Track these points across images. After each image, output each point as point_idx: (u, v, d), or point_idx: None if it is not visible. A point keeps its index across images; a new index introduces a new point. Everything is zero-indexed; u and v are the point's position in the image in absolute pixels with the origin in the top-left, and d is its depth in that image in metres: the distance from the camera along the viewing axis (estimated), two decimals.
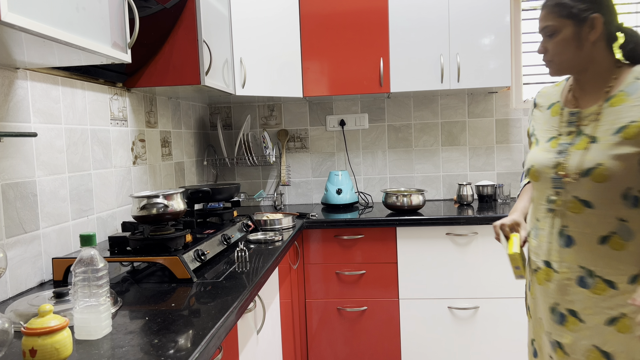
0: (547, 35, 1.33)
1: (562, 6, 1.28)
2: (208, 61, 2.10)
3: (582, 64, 1.32)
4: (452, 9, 2.68)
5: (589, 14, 1.26)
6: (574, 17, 1.27)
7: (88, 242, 1.09)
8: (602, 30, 1.28)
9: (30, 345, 0.91)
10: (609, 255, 1.26)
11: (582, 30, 1.28)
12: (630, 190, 1.23)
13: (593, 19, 1.26)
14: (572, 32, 1.28)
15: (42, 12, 1.06)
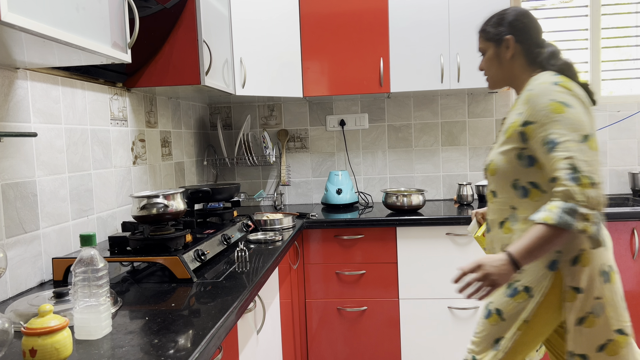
0: (481, 56, 1.59)
1: (485, 32, 1.56)
2: (208, 61, 2.10)
3: (507, 78, 1.55)
4: (452, 9, 2.68)
5: (503, 36, 1.50)
6: (493, 39, 1.53)
7: (88, 242, 1.09)
8: (517, 49, 1.50)
9: (30, 345, 0.91)
10: (502, 239, 1.49)
11: (500, 50, 1.52)
12: (518, 181, 1.44)
13: (507, 40, 1.50)
14: (494, 52, 1.54)
15: (42, 12, 1.06)
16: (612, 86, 3.05)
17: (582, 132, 1.28)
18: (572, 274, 1.36)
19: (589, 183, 1.23)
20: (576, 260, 1.36)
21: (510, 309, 1.42)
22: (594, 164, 1.25)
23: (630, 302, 2.45)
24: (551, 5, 3.03)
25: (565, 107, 1.31)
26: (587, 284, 1.36)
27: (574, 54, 3.05)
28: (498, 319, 1.45)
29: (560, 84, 1.35)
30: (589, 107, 1.37)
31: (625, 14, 3.00)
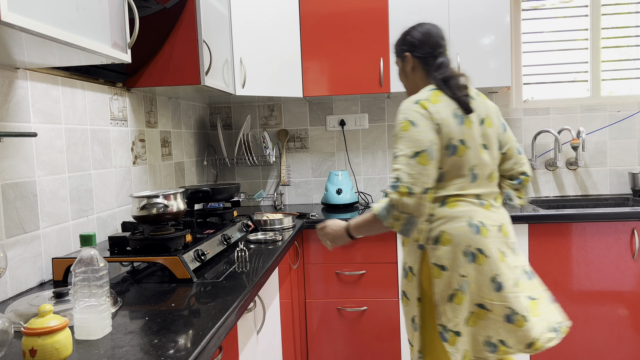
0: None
1: (394, 50, 1.79)
2: (208, 61, 2.10)
3: (414, 89, 1.76)
4: (452, 9, 2.68)
5: (403, 52, 1.74)
6: (398, 56, 1.77)
7: (88, 242, 1.09)
8: (416, 62, 1.72)
9: (30, 345, 0.91)
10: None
11: (404, 65, 1.76)
12: None
13: (405, 56, 1.74)
14: (401, 67, 1.78)
15: (42, 12, 1.06)
16: (612, 86, 3.05)
17: (415, 149, 1.51)
18: (434, 253, 1.57)
19: (406, 192, 1.49)
20: (437, 240, 1.57)
21: (408, 288, 1.65)
22: (417, 176, 1.49)
23: (630, 302, 2.46)
24: (551, 5, 3.03)
25: (411, 125, 1.54)
26: (451, 262, 1.54)
27: (574, 54, 3.05)
28: (406, 299, 1.68)
29: (420, 102, 1.57)
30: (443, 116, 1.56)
31: (625, 14, 3.00)
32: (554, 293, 2.47)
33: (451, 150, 1.56)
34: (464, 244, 1.54)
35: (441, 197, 1.59)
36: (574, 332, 2.49)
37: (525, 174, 1.81)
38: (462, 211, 1.57)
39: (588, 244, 2.45)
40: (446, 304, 1.54)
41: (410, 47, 1.72)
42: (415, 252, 1.62)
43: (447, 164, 1.57)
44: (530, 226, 2.46)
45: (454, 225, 1.56)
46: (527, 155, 3.07)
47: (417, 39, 1.70)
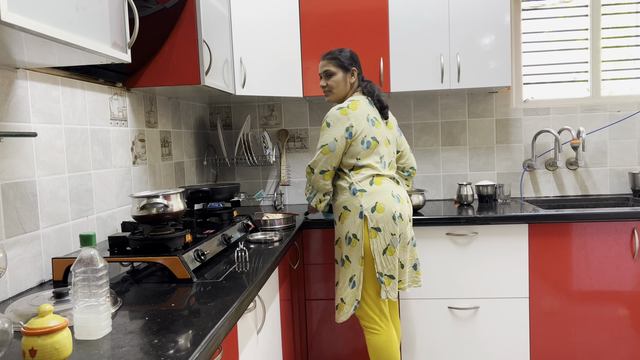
0: (327, 75, 2.23)
1: (337, 60, 2.21)
2: (208, 61, 2.10)
3: (344, 94, 2.25)
4: (452, 8, 2.68)
5: (351, 67, 2.21)
6: (343, 67, 2.21)
7: (88, 242, 1.09)
8: (355, 79, 2.23)
9: (30, 345, 0.91)
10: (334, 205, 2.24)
11: (347, 77, 2.22)
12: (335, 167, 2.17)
13: (353, 70, 2.22)
14: (342, 77, 2.22)
15: (42, 12, 1.06)
16: (612, 86, 3.05)
17: (322, 142, 2.12)
18: (373, 218, 2.07)
19: (309, 170, 2.17)
20: (374, 209, 2.07)
21: (352, 252, 2.10)
22: (317, 161, 2.13)
23: (631, 302, 2.46)
24: (551, 5, 3.03)
25: (327, 127, 2.12)
26: (384, 224, 2.06)
27: (574, 54, 3.05)
28: (348, 262, 2.12)
29: (342, 109, 2.11)
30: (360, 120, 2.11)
31: (625, 14, 3.00)
32: (554, 293, 2.48)
33: (366, 145, 2.11)
34: (392, 209, 2.08)
35: (368, 177, 2.12)
36: (574, 332, 2.49)
37: (413, 168, 2.40)
38: (386, 186, 2.12)
39: (588, 244, 2.45)
40: (382, 256, 2.07)
41: (357, 65, 2.23)
42: (356, 222, 2.09)
43: (363, 155, 2.12)
44: (530, 226, 2.46)
45: (384, 197, 2.09)
46: (527, 155, 3.07)
47: (356, 59, 2.24)
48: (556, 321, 2.49)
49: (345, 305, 2.12)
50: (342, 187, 2.16)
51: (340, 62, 2.19)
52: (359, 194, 2.10)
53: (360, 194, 2.10)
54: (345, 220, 2.12)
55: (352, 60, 2.22)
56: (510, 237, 2.47)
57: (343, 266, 2.14)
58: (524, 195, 3.08)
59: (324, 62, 2.22)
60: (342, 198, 2.15)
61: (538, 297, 2.48)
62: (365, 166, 2.12)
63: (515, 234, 2.47)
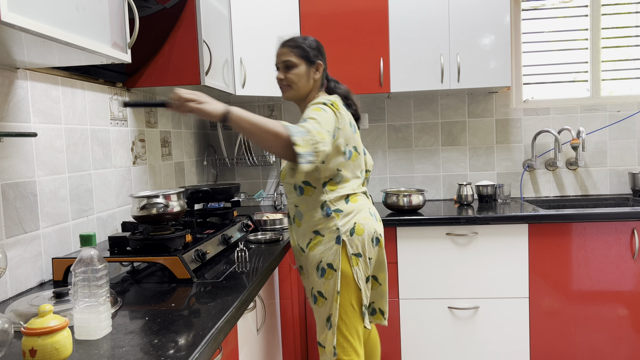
0: (286, 67, 1.81)
1: (301, 49, 1.80)
2: (208, 61, 2.10)
3: (306, 92, 1.84)
4: (452, 8, 2.68)
5: (316, 59, 1.82)
6: (307, 59, 1.80)
7: (88, 242, 1.09)
8: (321, 73, 1.84)
9: (30, 345, 0.91)
10: (297, 230, 1.84)
11: (310, 71, 1.81)
12: (296, 182, 1.79)
13: (318, 64, 1.83)
14: (305, 70, 1.81)
15: (42, 12, 1.06)
16: (612, 86, 3.05)
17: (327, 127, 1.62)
18: (353, 243, 1.75)
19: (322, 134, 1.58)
20: (352, 232, 1.75)
21: (326, 287, 1.75)
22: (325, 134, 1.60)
23: (631, 302, 2.45)
24: (551, 5, 3.03)
25: (323, 110, 1.66)
26: (363, 248, 1.76)
27: (574, 54, 3.05)
28: (322, 299, 1.77)
29: (327, 104, 1.70)
30: (344, 123, 1.74)
31: (625, 14, 3.00)
32: (554, 293, 2.48)
33: (347, 155, 1.77)
34: (372, 230, 1.79)
35: (344, 195, 1.78)
36: (574, 332, 2.49)
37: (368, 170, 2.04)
38: (363, 204, 1.82)
39: (588, 244, 2.45)
40: (365, 285, 1.78)
41: (323, 58, 1.86)
42: (332, 248, 1.75)
43: (344, 166, 1.77)
44: (530, 226, 2.46)
45: (361, 216, 1.79)
46: (527, 155, 3.07)
47: (322, 50, 1.87)
48: (556, 321, 2.49)
49: (326, 351, 1.78)
50: (312, 206, 1.78)
51: (303, 52, 1.80)
52: (334, 215, 1.75)
53: (336, 214, 1.75)
54: (316, 247, 1.76)
55: (319, 51, 1.84)
56: (510, 237, 2.47)
57: (316, 304, 1.80)
58: (524, 195, 3.08)
59: (284, 50, 1.82)
60: (311, 220, 1.78)
61: (538, 297, 2.48)
62: (343, 180, 1.78)
63: (515, 234, 2.47)
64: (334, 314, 1.74)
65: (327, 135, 1.60)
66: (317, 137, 1.54)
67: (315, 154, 1.54)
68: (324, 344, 1.78)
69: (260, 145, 1.55)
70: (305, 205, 1.79)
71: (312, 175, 1.75)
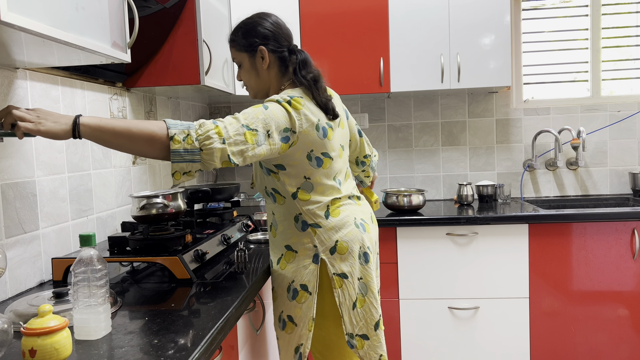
0: (238, 66, 1.60)
1: (236, 42, 1.55)
2: (208, 61, 2.10)
3: (266, 89, 1.58)
4: (452, 8, 2.68)
5: (256, 46, 1.52)
6: (247, 50, 1.53)
7: (88, 242, 1.09)
8: (272, 58, 1.53)
9: (29, 346, 0.91)
10: (272, 240, 1.63)
11: (256, 61, 1.54)
12: (266, 188, 1.57)
13: (260, 50, 1.52)
14: (250, 64, 1.55)
15: (41, 12, 1.06)
16: (612, 86, 3.05)
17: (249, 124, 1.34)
18: (334, 263, 1.50)
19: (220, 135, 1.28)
20: (334, 250, 1.50)
21: (297, 311, 1.52)
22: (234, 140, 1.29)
23: (631, 302, 2.45)
24: (551, 5, 3.03)
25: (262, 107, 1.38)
26: (350, 268, 1.51)
27: (574, 53, 3.04)
28: (292, 325, 1.54)
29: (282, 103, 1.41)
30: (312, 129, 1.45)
31: (625, 14, 3.00)
32: (554, 293, 2.47)
33: (317, 162, 1.50)
34: (358, 246, 1.53)
35: (322, 206, 1.52)
36: (574, 332, 2.49)
37: (366, 156, 1.85)
38: (346, 216, 1.54)
39: (588, 244, 2.45)
40: (350, 312, 1.51)
41: (263, 39, 1.52)
42: (308, 268, 1.50)
43: (312, 174, 1.50)
44: (530, 226, 2.46)
45: (345, 232, 1.52)
46: (527, 155, 3.06)
47: (270, 30, 1.52)
48: (556, 321, 2.49)
49: None
50: (287, 216, 1.55)
51: (239, 44, 1.55)
52: (310, 231, 1.51)
53: (313, 230, 1.51)
54: (288, 264, 1.54)
55: (258, 35, 1.52)
56: (510, 237, 2.47)
57: (284, 330, 1.56)
58: (524, 195, 3.08)
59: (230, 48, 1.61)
60: (285, 231, 1.55)
61: (538, 297, 2.48)
62: (316, 189, 1.51)
63: (515, 234, 2.47)
64: (305, 344, 1.52)
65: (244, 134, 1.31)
66: (210, 132, 1.26)
67: (206, 153, 1.25)
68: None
69: (135, 154, 1.27)
70: (280, 215, 1.57)
71: (275, 183, 1.53)
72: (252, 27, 1.53)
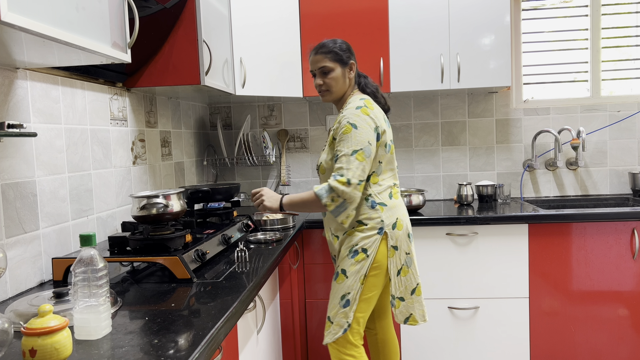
0: (323, 73, 1.93)
1: (334, 53, 1.91)
2: (208, 61, 2.10)
3: (342, 93, 1.96)
4: (452, 9, 2.68)
5: (349, 60, 1.93)
6: (341, 62, 1.92)
7: (88, 242, 1.09)
8: (355, 73, 1.97)
9: (30, 346, 0.91)
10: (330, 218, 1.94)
11: (345, 72, 1.93)
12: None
13: (352, 64, 1.95)
14: (341, 72, 1.93)
15: (42, 12, 1.06)
16: (612, 86, 3.05)
17: (355, 147, 1.77)
18: (393, 236, 1.87)
19: (345, 181, 1.74)
20: (394, 226, 1.87)
21: (352, 267, 1.85)
22: (354, 169, 1.76)
23: (631, 302, 2.45)
24: (551, 5, 3.03)
25: (354, 128, 1.78)
26: (401, 242, 1.88)
27: (574, 54, 3.05)
28: (343, 277, 1.86)
29: (362, 108, 1.82)
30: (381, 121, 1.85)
31: (625, 14, 3.00)
32: (554, 293, 2.48)
33: (387, 148, 1.88)
34: (408, 226, 1.93)
35: (387, 188, 1.90)
36: (574, 332, 2.49)
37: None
38: (401, 201, 1.96)
39: (588, 244, 2.45)
40: (395, 277, 1.88)
41: (354, 56, 1.97)
42: (372, 237, 1.85)
43: (384, 158, 1.88)
44: (530, 226, 2.46)
45: (401, 212, 1.92)
46: (527, 155, 3.07)
47: (351, 50, 1.97)
48: (556, 321, 2.49)
49: (333, 325, 1.87)
50: None
51: (337, 56, 1.92)
52: (379, 208, 1.86)
53: (381, 207, 1.86)
54: (355, 233, 1.87)
55: (349, 52, 1.96)
56: (510, 237, 2.47)
57: (336, 280, 1.89)
58: (524, 195, 3.08)
59: (318, 57, 1.93)
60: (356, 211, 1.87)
61: (538, 297, 2.48)
62: (383, 172, 1.89)
63: (515, 234, 2.47)
64: (352, 293, 1.84)
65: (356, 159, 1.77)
66: (339, 188, 1.75)
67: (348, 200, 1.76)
68: (333, 319, 1.87)
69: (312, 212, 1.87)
70: None
71: None
72: (348, 46, 1.96)
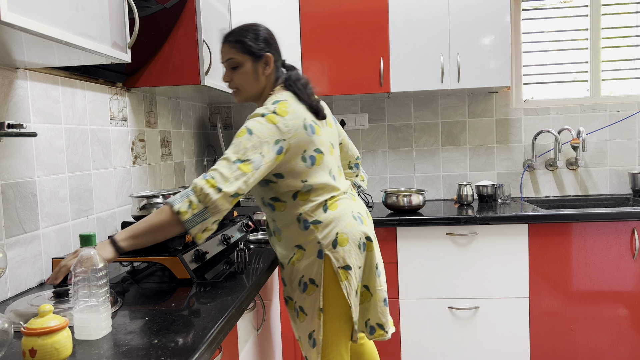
0: (231, 68, 1.61)
1: (242, 43, 1.57)
2: (208, 61, 2.10)
3: (257, 92, 1.65)
4: (452, 8, 2.68)
5: (263, 52, 1.59)
6: (252, 54, 1.58)
7: (88, 242, 1.09)
8: (272, 66, 1.62)
9: (30, 346, 0.91)
10: (278, 245, 1.69)
11: (258, 66, 1.60)
12: (264, 199, 1.64)
13: (267, 57, 1.60)
14: (252, 67, 1.60)
15: (42, 12, 1.06)
16: (612, 86, 3.05)
17: (241, 156, 1.41)
18: (337, 256, 1.58)
19: (214, 186, 1.35)
20: (335, 243, 1.58)
21: (307, 302, 1.62)
22: (233, 179, 1.38)
23: (631, 302, 2.45)
24: (551, 5, 3.03)
25: (248, 134, 1.44)
26: (352, 259, 1.59)
27: (574, 54, 3.05)
28: (303, 315, 1.65)
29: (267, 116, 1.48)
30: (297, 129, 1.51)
31: (625, 14, 3.00)
32: (554, 293, 2.48)
33: (311, 161, 1.57)
34: (357, 237, 1.61)
35: (321, 203, 1.60)
36: (574, 332, 2.49)
37: (358, 157, 2.01)
38: (344, 208, 1.62)
39: (588, 244, 2.45)
40: (353, 300, 1.61)
41: (268, 47, 1.61)
42: (314, 263, 1.59)
43: (308, 175, 1.57)
44: (530, 226, 2.46)
45: (344, 224, 1.60)
46: (527, 155, 3.07)
47: (275, 41, 1.65)
48: (556, 321, 2.49)
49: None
50: (288, 221, 1.62)
51: (246, 48, 1.58)
52: (312, 228, 1.59)
53: (314, 226, 1.59)
54: (299, 262, 1.62)
55: (265, 42, 1.61)
56: (510, 237, 2.47)
57: (298, 318, 1.68)
58: (524, 195, 3.08)
59: (225, 47, 1.61)
60: (290, 234, 1.63)
61: (538, 297, 2.48)
62: (313, 189, 1.59)
63: (515, 234, 2.47)
64: (317, 330, 1.62)
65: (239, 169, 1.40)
66: (205, 188, 1.35)
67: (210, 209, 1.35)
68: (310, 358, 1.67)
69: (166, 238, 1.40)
70: (281, 221, 1.64)
71: (277, 190, 1.59)
72: (260, 34, 1.61)
